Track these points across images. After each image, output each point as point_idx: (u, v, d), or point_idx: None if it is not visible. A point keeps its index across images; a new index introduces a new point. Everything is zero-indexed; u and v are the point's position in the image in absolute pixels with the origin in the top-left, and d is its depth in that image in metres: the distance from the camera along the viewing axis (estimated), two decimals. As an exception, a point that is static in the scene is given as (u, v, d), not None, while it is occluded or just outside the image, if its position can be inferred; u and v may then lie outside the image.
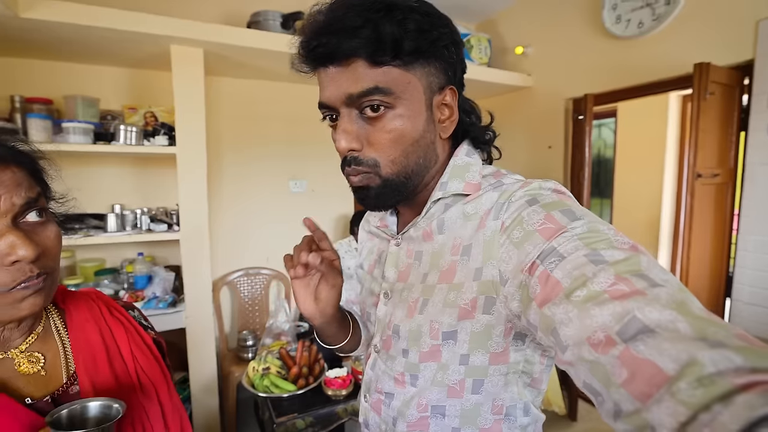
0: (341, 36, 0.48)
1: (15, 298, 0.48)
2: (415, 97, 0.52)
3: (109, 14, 1.63)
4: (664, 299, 0.34)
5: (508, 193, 0.52)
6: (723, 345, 0.30)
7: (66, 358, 0.57)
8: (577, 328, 0.37)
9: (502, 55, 2.83)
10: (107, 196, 2.13)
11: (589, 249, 0.40)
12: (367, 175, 0.54)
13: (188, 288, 1.97)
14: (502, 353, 0.53)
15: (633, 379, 0.32)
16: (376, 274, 0.68)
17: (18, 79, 1.95)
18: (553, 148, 2.57)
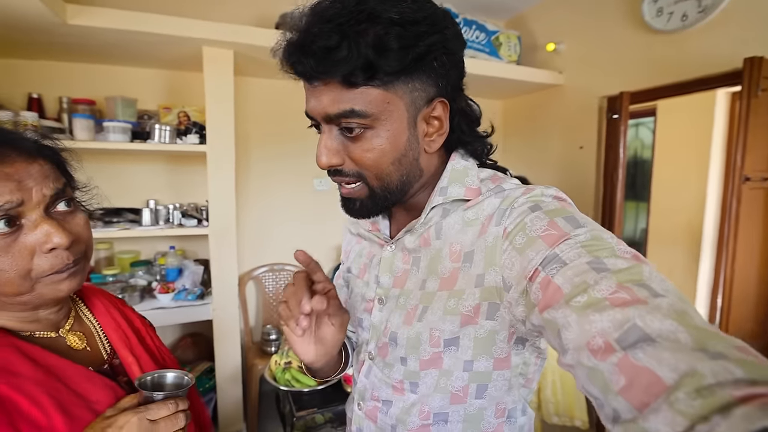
0: (316, 58, 0.45)
1: (53, 281, 0.52)
2: (395, 117, 0.49)
3: (146, 19, 1.72)
4: (665, 309, 0.34)
5: (510, 199, 0.51)
6: (723, 356, 0.29)
7: (100, 337, 0.63)
8: (576, 333, 0.37)
9: (532, 52, 2.76)
10: (143, 192, 2.24)
11: (591, 256, 0.40)
12: (355, 187, 0.54)
13: (215, 281, 2.04)
14: (505, 359, 0.53)
15: (631, 387, 0.32)
16: (368, 279, 0.66)
17: (65, 82, 2.09)
18: (585, 148, 2.48)
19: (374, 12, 0.44)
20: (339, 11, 0.45)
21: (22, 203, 0.48)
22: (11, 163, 0.49)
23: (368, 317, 0.65)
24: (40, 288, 0.51)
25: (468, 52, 2.41)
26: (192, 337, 2.32)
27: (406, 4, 0.46)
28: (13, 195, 0.47)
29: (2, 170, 0.47)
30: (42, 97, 2.01)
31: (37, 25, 1.62)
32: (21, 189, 0.48)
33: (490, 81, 2.55)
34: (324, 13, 0.45)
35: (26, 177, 0.49)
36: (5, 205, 0.47)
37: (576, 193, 2.54)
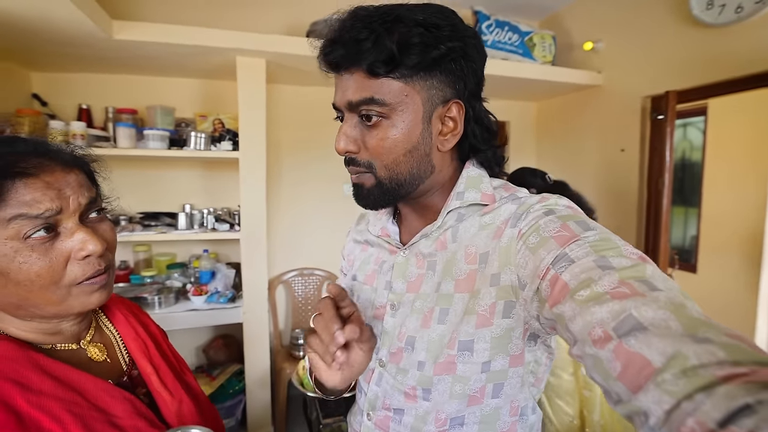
0: (346, 47, 0.51)
1: (84, 291, 0.53)
2: (411, 109, 0.53)
3: (185, 32, 1.80)
4: (663, 301, 0.36)
5: (526, 205, 0.54)
6: (709, 341, 0.32)
7: (119, 347, 0.64)
8: (580, 325, 0.40)
9: (568, 52, 2.65)
10: (179, 196, 2.33)
11: (597, 255, 0.43)
12: (364, 175, 0.57)
13: (246, 285, 2.08)
14: (519, 355, 0.55)
15: (625, 372, 0.35)
16: (377, 285, 0.66)
17: (111, 92, 2.21)
18: (627, 151, 2.34)
19: (402, 15, 0.50)
20: (371, 13, 0.51)
21: (61, 211, 0.50)
22: (51, 172, 0.50)
23: (379, 324, 0.64)
24: (71, 299, 0.52)
25: (499, 54, 2.36)
26: (224, 339, 2.37)
27: (432, 11, 0.52)
28: (53, 203, 0.49)
29: (44, 179, 0.49)
30: (90, 108, 2.15)
31: (86, 40, 1.73)
32: (60, 197, 0.50)
33: (523, 83, 2.48)
34: (358, 14, 0.52)
35: (65, 186, 0.51)
36: (45, 212, 0.48)
37: (617, 198, 2.40)
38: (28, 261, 0.48)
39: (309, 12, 2.24)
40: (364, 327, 0.54)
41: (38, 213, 0.48)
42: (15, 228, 0.47)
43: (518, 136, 3.07)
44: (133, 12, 2.12)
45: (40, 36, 1.68)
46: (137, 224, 2.08)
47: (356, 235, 0.76)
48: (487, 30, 2.31)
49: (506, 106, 3.00)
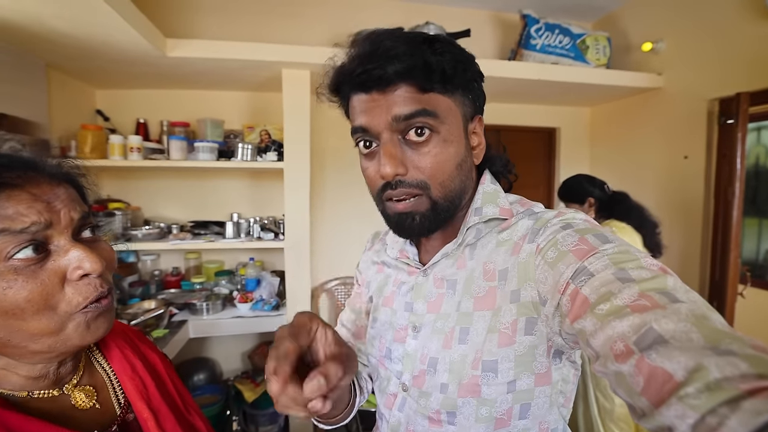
0: (390, 62, 0.50)
1: (87, 319, 0.45)
2: (455, 123, 0.55)
3: (233, 47, 1.86)
4: (684, 313, 0.35)
5: (543, 220, 0.54)
6: (731, 353, 0.31)
7: (113, 388, 0.55)
8: (602, 340, 0.39)
9: (624, 53, 2.50)
10: (227, 206, 2.40)
11: (617, 268, 0.42)
12: (417, 199, 0.54)
13: (290, 294, 2.10)
14: (545, 374, 0.53)
15: (648, 387, 0.34)
16: (397, 307, 0.65)
17: (165, 107, 2.33)
18: (691, 158, 2.17)
19: (434, 36, 0.53)
20: (403, 34, 0.52)
21: (51, 225, 0.44)
22: (38, 184, 0.45)
23: (400, 347, 0.62)
24: (69, 330, 0.45)
25: (549, 58, 2.26)
26: (268, 346, 2.42)
27: (455, 43, 0.56)
28: (41, 216, 0.43)
29: (30, 191, 0.43)
30: (147, 122, 2.26)
31: (143, 59, 1.82)
32: (49, 210, 0.44)
33: (575, 88, 2.36)
34: (395, 35, 0.51)
35: (54, 198, 0.45)
36: (32, 227, 0.42)
37: (680, 210, 2.23)
38: (14, 286, 0.41)
39: (352, 23, 2.25)
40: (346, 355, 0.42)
41: (23, 227, 0.41)
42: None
43: (569, 143, 2.92)
44: (186, 29, 2.22)
45: (104, 57, 1.79)
46: (188, 233, 2.16)
47: (373, 255, 0.74)
48: (536, 34, 2.22)
49: (556, 111, 2.88)
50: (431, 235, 0.60)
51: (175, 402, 0.60)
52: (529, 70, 2.20)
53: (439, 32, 2.14)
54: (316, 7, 2.39)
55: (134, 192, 2.35)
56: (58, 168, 0.49)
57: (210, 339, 2.44)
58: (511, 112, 2.79)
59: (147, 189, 2.37)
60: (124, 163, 1.97)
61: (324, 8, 2.40)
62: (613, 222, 1.83)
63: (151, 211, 2.37)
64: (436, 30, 2.13)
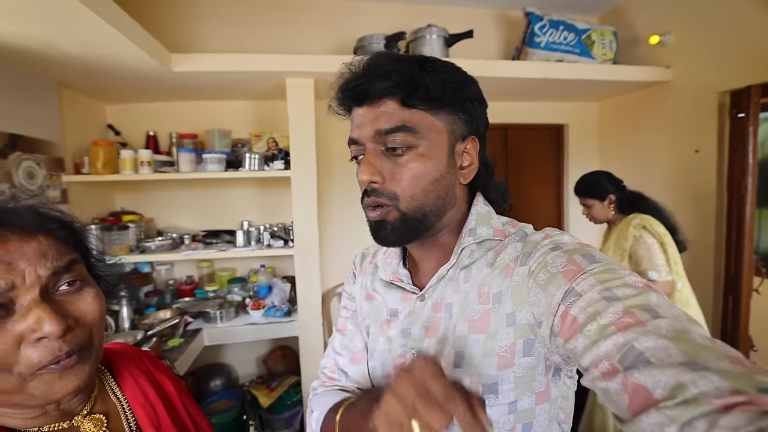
0: (377, 79, 0.54)
1: (45, 380, 0.44)
2: (438, 141, 0.56)
3: (236, 59, 1.88)
4: (664, 329, 0.37)
5: (533, 243, 0.56)
6: (707, 368, 0.33)
7: (126, 415, 0.56)
8: (589, 359, 0.41)
9: (631, 47, 2.46)
10: (237, 214, 2.44)
11: (602, 287, 0.44)
12: (386, 209, 0.56)
13: (301, 300, 2.13)
14: (545, 391, 0.54)
15: (632, 403, 0.36)
16: (393, 334, 0.64)
17: (174, 119, 2.37)
18: (702, 152, 2.13)
19: (427, 58, 0.56)
20: (398, 55, 0.56)
21: (13, 287, 0.43)
22: (3, 243, 0.43)
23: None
24: (31, 389, 0.44)
25: (554, 56, 2.24)
26: (282, 350, 2.46)
27: (446, 61, 0.58)
28: (1, 279, 0.42)
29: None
30: (157, 134, 2.30)
31: (149, 74, 1.85)
32: (10, 271, 0.43)
33: (581, 84, 2.33)
34: (389, 55, 0.56)
35: (18, 257, 0.44)
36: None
37: (692, 204, 2.20)
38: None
39: (354, 30, 2.25)
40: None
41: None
42: None
43: (578, 140, 2.89)
44: (190, 42, 2.25)
45: (113, 74, 1.83)
46: (200, 242, 2.20)
47: (366, 282, 0.73)
48: (540, 31, 2.20)
49: (563, 108, 2.85)
50: (403, 245, 0.62)
51: (187, 428, 0.61)
52: (533, 69, 2.18)
53: (441, 34, 2.13)
54: (318, 13, 2.40)
55: (147, 204, 2.40)
56: (36, 218, 0.47)
57: (225, 345, 2.49)
58: (518, 110, 2.77)
59: (159, 200, 2.42)
60: (135, 177, 2.02)
61: (325, 14, 2.40)
62: (641, 215, 1.80)
63: (164, 222, 2.42)
64: (438, 32, 2.12)
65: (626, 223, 1.82)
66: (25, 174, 1.79)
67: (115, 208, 2.33)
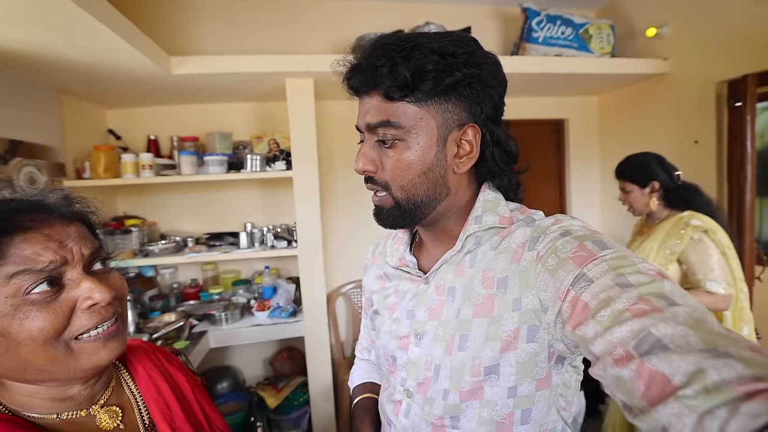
0: (365, 73, 0.54)
1: (90, 345, 0.49)
2: (426, 132, 0.55)
3: (235, 61, 1.88)
4: (681, 316, 0.37)
5: (542, 228, 0.55)
6: (729, 355, 0.32)
7: (139, 409, 0.58)
8: (602, 345, 0.40)
9: (628, 40, 2.47)
10: (240, 216, 2.44)
11: (615, 273, 0.43)
12: (383, 196, 0.59)
13: (306, 300, 2.13)
14: (545, 378, 0.55)
15: (648, 390, 0.35)
16: (399, 316, 0.67)
17: (175, 122, 2.36)
18: (701, 142, 2.14)
19: (419, 43, 0.52)
20: (391, 41, 0.53)
21: (65, 262, 0.49)
22: (51, 225, 0.50)
23: (404, 354, 0.65)
24: (77, 355, 0.49)
25: (552, 50, 2.25)
26: (288, 351, 2.45)
27: (449, 40, 0.53)
28: (56, 254, 0.48)
29: (43, 232, 0.48)
30: (158, 138, 2.30)
31: (149, 78, 1.85)
32: (62, 249, 0.49)
33: (580, 78, 2.34)
34: (378, 42, 0.54)
35: (66, 237, 0.50)
36: (49, 265, 0.47)
37: (692, 195, 2.20)
38: (29, 316, 0.45)
39: (352, 29, 2.26)
40: None
41: (41, 267, 0.46)
42: (16, 284, 0.45)
43: (579, 134, 2.90)
44: (189, 45, 2.25)
45: (113, 79, 1.82)
46: (203, 245, 2.20)
47: (376, 270, 0.77)
48: (537, 26, 2.21)
49: (563, 102, 2.85)
50: (401, 228, 0.64)
51: (200, 423, 0.62)
52: (532, 64, 2.19)
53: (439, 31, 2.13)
54: (316, 13, 2.40)
55: (149, 207, 2.39)
56: (68, 208, 0.54)
57: (231, 347, 2.48)
58: (517, 105, 2.78)
59: (162, 204, 2.41)
60: (137, 180, 2.01)
61: (323, 14, 2.41)
62: (699, 215, 1.53)
63: (167, 226, 2.42)
64: (435, 29, 2.13)
65: (680, 222, 1.54)
66: (27, 179, 1.79)
67: (117, 213, 2.33)
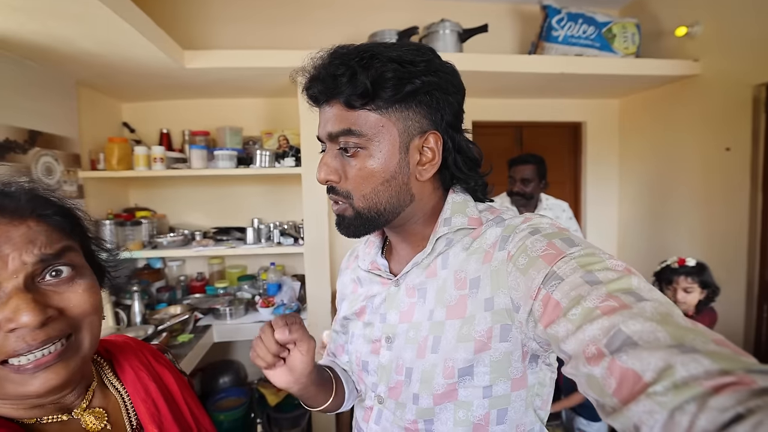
0: (325, 82, 0.54)
1: (20, 376, 0.42)
2: (388, 140, 0.55)
3: (248, 55, 1.89)
4: (649, 312, 0.37)
5: (511, 227, 0.55)
6: (695, 350, 0.33)
7: (126, 409, 0.55)
8: (574, 343, 0.40)
9: (655, 40, 2.34)
10: (248, 211, 2.44)
11: (584, 271, 0.44)
12: (343, 205, 0.58)
13: (310, 298, 2.11)
14: (521, 378, 0.55)
15: (620, 388, 0.35)
16: (370, 320, 0.67)
17: (187, 116, 2.39)
18: (733, 150, 2.00)
19: (377, 52, 0.53)
20: (349, 51, 0.54)
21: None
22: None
23: (375, 359, 0.65)
24: (2, 382, 0.42)
25: (572, 50, 2.15)
26: (291, 349, 2.44)
27: (407, 49, 0.54)
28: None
29: None
30: (170, 132, 2.33)
31: (162, 71, 1.87)
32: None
33: (601, 79, 2.23)
34: (336, 52, 0.55)
35: (3, 242, 0.42)
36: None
37: (721, 205, 2.07)
38: None
39: (366, 26, 2.23)
40: (296, 328, 0.57)
41: None
42: None
43: (597, 138, 2.78)
44: (203, 40, 2.27)
45: (128, 72, 1.86)
46: (211, 239, 2.21)
47: (351, 274, 0.76)
48: (557, 25, 2.12)
49: (582, 105, 2.74)
50: (362, 236, 0.63)
51: (188, 424, 0.59)
52: (551, 63, 2.10)
53: (455, 29, 2.08)
54: (329, 9, 2.38)
55: (160, 200, 2.43)
56: (29, 203, 0.45)
57: (234, 342, 2.49)
58: (533, 107, 2.68)
59: (171, 197, 2.45)
60: (148, 173, 2.04)
61: (337, 10, 2.39)
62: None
63: (176, 218, 2.45)
64: (451, 27, 2.07)
65: None
66: (44, 169, 1.84)
67: (129, 204, 2.37)
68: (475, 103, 2.56)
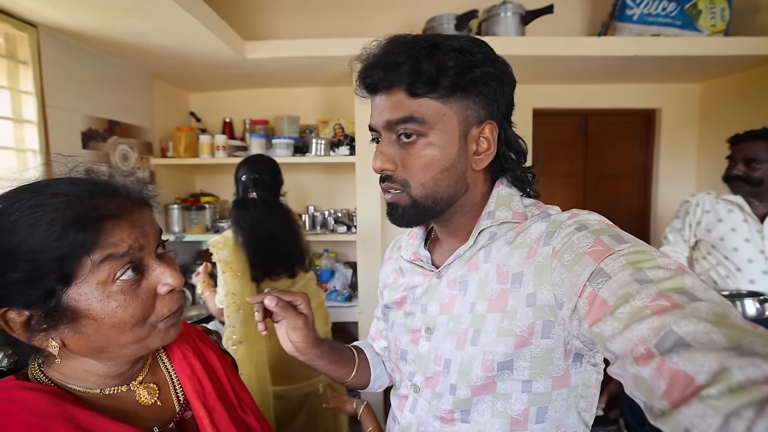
0: (386, 69, 0.54)
1: (167, 326, 0.52)
2: (448, 128, 0.55)
3: (305, 44, 1.92)
4: (704, 313, 0.35)
5: (557, 223, 0.54)
6: (755, 353, 0.31)
7: (174, 386, 0.59)
8: (621, 343, 0.39)
9: (749, 15, 2.09)
10: (304, 199, 2.51)
11: (633, 269, 0.42)
12: (399, 194, 0.58)
13: (361, 286, 2.14)
14: (563, 377, 0.54)
15: (670, 390, 0.34)
16: (411, 310, 0.67)
17: (248, 106, 2.48)
18: (841, 139, 1.76)
19: (439, 42, 0.53)
20: (408, 40, 0.54)
21: (143, 247, 0.50)
22: (131, 211, 0.50)
23: (414, 348, 0.65)
24: (153, 335, 0.51)
25: (649, 29, 1.98)
26: (335, 335, 2.49)
27: (465, 40, 0.55)
28: (137, 241, 0.48)
29: (128, 219, 0.49)
30: (233, 121, 2.43)
31: (225, 62, 1.95)
32: (143, 235, 0.50)
33: (681, 61, 2.03)
34: (396, 40, 0.55)
35: (144, 223, 0.51)
36: (131, 250, 0.48)
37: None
38: (122, 304, 0.47)
39: (422, 11, 2.17)
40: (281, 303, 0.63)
41: (124, 251, 0.47)
42: (106, 270, 0.46)
43: (673, 127, 2.55)
44: (263, 30, 2.32)
45: (194, 63, 1.95)
46: (268, 225, 2.29)
47: (393, 264, 0.77)
48: (633, 2, 1.95)
49: (657, 90, 2.52)
50: (415, 226, 0.65)
51: (231, 401, 0.63)
52: (624, 45, 1.94)
53: (517, 11, 1.98)
54: (388, -4, 2.35)
55: (222, 186, 2.55)
56: (139, 193, 0.54)
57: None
58: (600, 93, 2.50)
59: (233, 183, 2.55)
60: (211, 160, 2.15)
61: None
62: None
63: (237, 204, 2.56)
64: (513, 9, 1.97)
65: None
66: (121, 156, 1.98)
67: (194, 190, 2.51)
68: (536, 90, 2.43)
